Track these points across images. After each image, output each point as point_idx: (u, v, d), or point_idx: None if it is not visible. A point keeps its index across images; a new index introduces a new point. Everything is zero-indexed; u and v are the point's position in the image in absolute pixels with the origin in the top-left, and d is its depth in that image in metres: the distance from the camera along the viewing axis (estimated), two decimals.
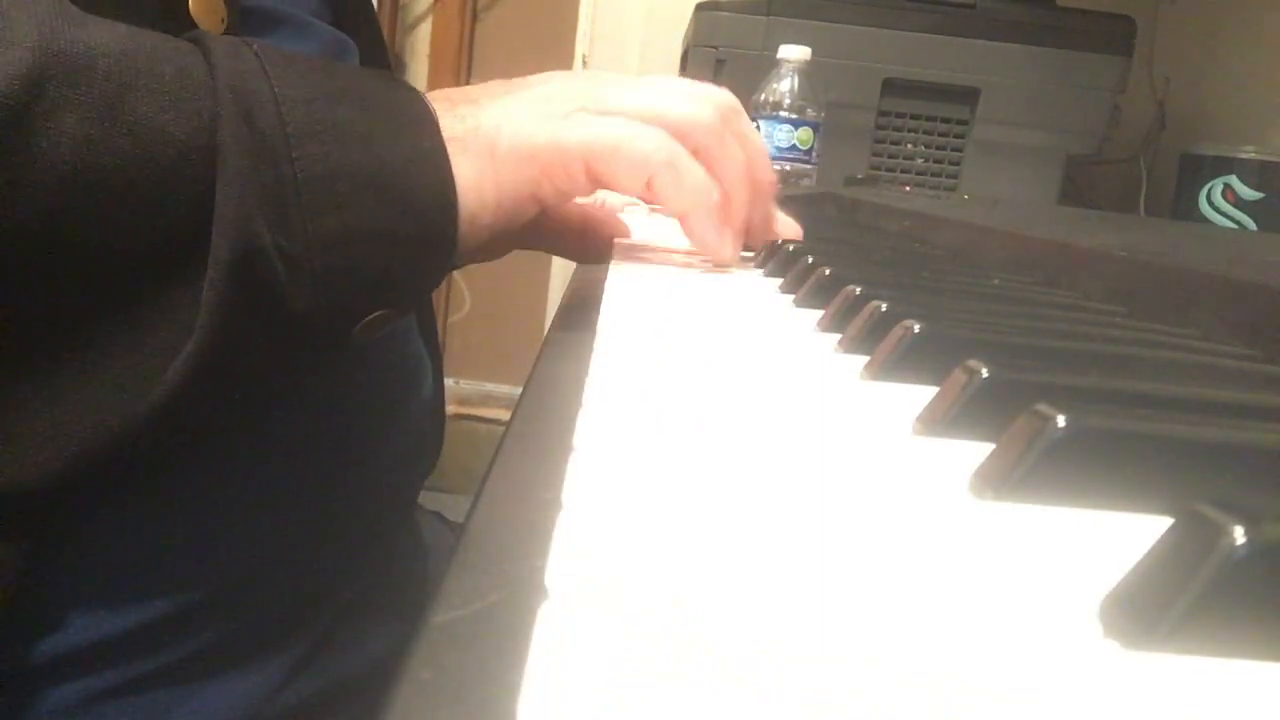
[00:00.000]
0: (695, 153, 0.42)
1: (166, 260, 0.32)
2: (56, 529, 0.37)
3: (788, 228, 0.53)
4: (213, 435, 0.41)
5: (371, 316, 0.36)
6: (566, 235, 0.53)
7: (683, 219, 0.44)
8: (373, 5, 0.58)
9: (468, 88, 0.42)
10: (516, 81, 0.42)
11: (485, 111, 0.39)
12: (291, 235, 0.33)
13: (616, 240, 0.53)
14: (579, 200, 0.49)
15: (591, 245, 0.53)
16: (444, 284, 1.89)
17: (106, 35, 0.31)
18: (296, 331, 0.35)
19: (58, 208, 0.30)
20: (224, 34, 0.40)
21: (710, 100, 0.45)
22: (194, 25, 0.39)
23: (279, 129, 0.33)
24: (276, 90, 0.33)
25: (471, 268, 1.86)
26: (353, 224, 0.34)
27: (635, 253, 0.50)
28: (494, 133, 0.39)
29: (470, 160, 0.38)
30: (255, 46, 0.34)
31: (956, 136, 1.16)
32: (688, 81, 0.46)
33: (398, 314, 0.38)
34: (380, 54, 0.57)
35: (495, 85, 0.42)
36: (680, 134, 0.42)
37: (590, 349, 0.27)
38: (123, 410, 0.32)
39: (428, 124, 0.37)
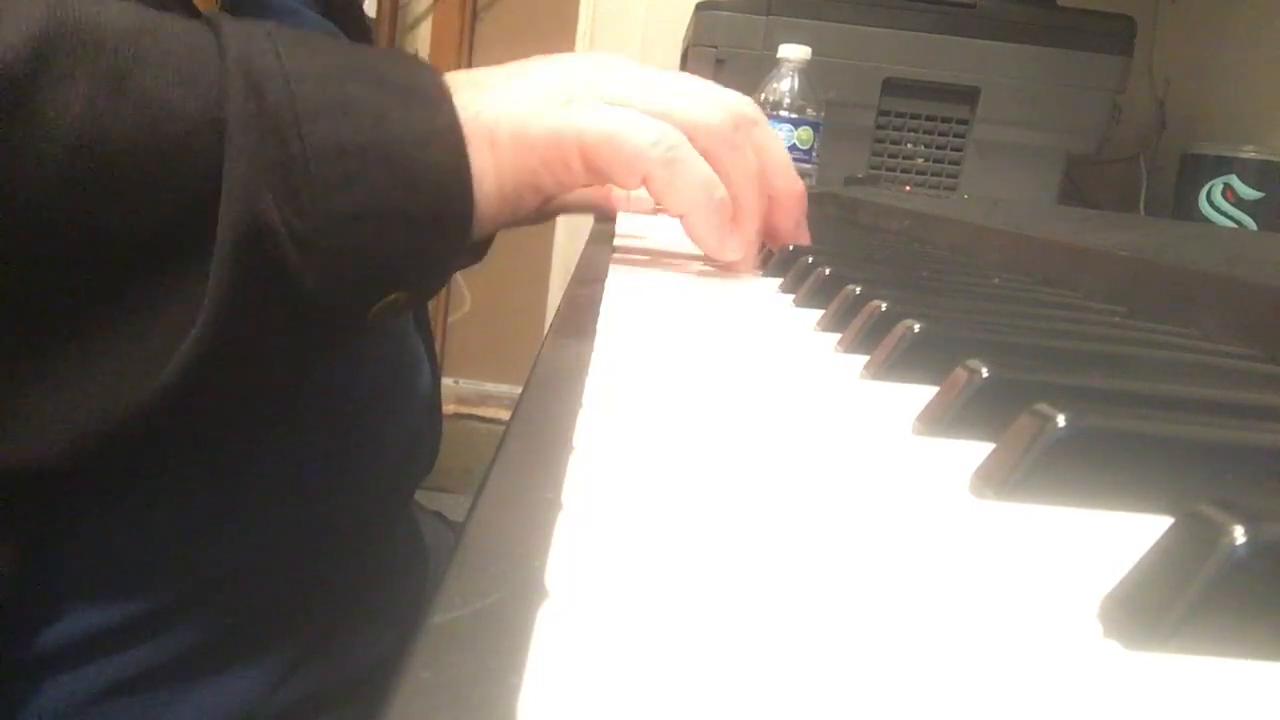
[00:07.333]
0: (702, 154, 0.41)
1: (175, 238, 0.32)
2: (52, 523, 0.37)
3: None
4: (234, 426, 0.40)
5: (387, 299, 0.36)
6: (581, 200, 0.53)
7: (683, 218, 0.43)
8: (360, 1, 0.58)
9: (474, 70, 0.41)
10: (522, 64, 0.41)
11: (486, 98, 0.38)
12: (301, 213, 0.32)
13: (617, 240, 0.53)
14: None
15: (608, 205, 0.53)
16: None
17: (115, 11, 0.31)
18: (309, 312, 0.34)
19: (64, 180, 0.30)
20: None
21: (724, 104, 0.43)
22: (191, 9, 0.39)
23: (289, 105, 0.32)
24: (287, 67, 0.33)
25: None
26: (363, 202, 0.33)
27: (636, 253, 0.50)
28: (493, 122, 0.38)
29: (470, 149, 0.37)
30: (268, 26, 0.34)
31: (956, 136, 1.16)
32: (707, 83, 0.44)
33: (414, 298, 0.37)
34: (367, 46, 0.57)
35: (503, 69, 0.41)
36: (685, 132, 0.41)
37: (590, 349, 0.27)
38: (132, 390, 0.32)
39: (442, 102, 0.36)
